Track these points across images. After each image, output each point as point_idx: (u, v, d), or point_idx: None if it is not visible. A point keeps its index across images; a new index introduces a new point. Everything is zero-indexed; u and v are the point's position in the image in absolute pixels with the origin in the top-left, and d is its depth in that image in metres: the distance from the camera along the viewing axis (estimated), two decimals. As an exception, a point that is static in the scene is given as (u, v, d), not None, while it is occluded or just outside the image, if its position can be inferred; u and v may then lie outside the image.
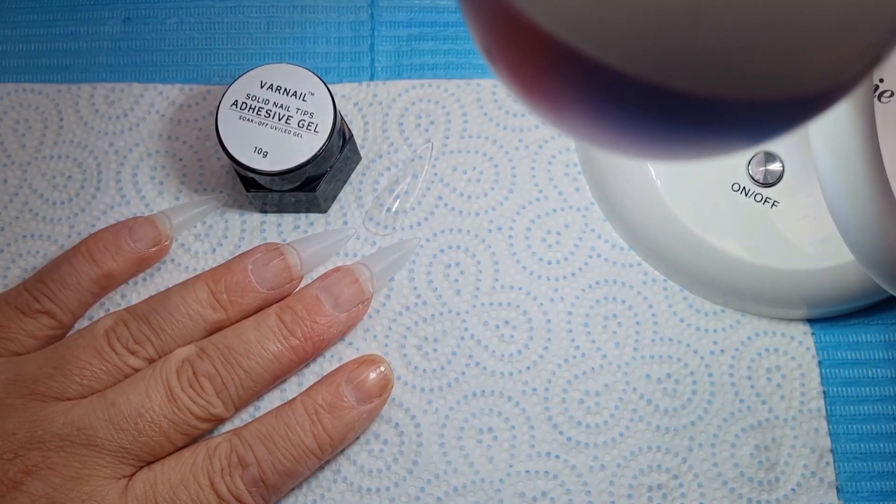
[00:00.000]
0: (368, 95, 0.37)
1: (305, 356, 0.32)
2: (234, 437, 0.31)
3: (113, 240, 0.33)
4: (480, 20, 0.17)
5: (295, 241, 0.35)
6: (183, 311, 0.32)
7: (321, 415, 0.31)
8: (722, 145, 0.17)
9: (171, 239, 0.35)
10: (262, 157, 0.32)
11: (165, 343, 0.32)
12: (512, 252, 0.35)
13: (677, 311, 0.34)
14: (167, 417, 0.30)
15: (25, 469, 0.29)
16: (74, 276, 0.33)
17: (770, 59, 0.14)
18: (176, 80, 0.38)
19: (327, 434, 0.31)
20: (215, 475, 0.30)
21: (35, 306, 0.32)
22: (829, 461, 0.32)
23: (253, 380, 0.31)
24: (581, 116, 0.17)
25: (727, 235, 0.33)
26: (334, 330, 0.33)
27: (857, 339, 0.34)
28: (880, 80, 0.33)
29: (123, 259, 0.33)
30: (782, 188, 0.33)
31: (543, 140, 0.37)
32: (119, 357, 0.31)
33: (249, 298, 0.33)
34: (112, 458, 0.29)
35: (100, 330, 0.32)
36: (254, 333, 0.32)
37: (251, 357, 0.31)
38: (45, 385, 0.30)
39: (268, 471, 0.30)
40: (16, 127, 0.37)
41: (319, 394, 0.31)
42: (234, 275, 0.33)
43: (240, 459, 0.30)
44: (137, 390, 0.30)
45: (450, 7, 0.38)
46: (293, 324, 0.32)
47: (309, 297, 0.33)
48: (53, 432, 0.29)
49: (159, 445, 0.30)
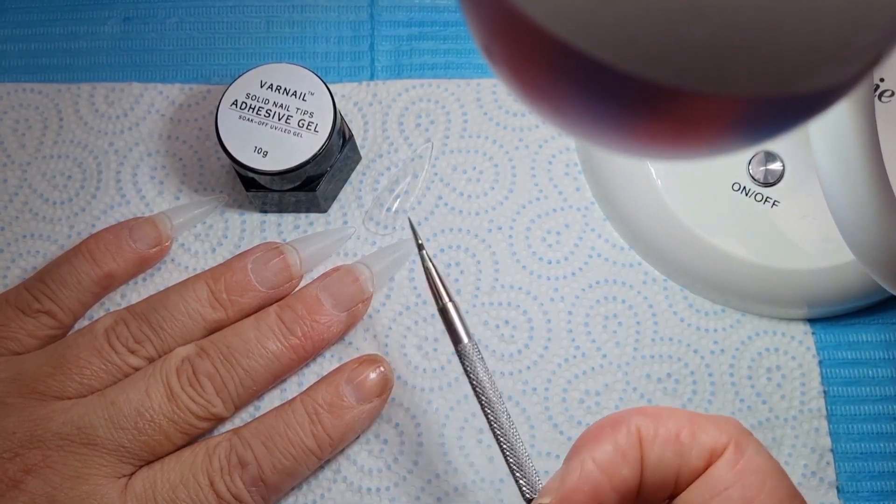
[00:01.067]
0: (368, 95, 0.37)
1: (305, 355, 0.32)
2: (234, 437, 0.31)
3: (114, 240, 0.34)
4: (480, 19, 0.17)
5: (294, 241, 0.35)
6: (183, 310, 0.32)
7: (321, 414, 0.31)
8: (722, 144, 0.17)
9: (172, 239, 0.35)
10: (262, 156, 0.32)
11: (165, 342, 0.32)
12: (512, 252, 0.35)
13: (677, 311, 0.34)
14: (167, 416, 0.30)
15: (25, 468, 0.29)
16: (75, 275, 0.33)
17: (770, 57, 0.14)
18: (176, 79, 0.38)
19: (327, 434, 0.31)
20: (215, 474, 0.30)
21: (35, 306, 0.32)
22: (829, 461, 0.32)
23: (253, 379, 0.31)
24: (580, 115, 0.17)
25: (727, 235, 0.33)
26: (334, 329, 0.33)
27: (858, 338, 0.34)
28: (880, 79, 0.33)
29: (124, 259, 0.33)
30: (783, 188, 0.33)
31: (543, 140, 0.37)
32: (119, 356, 0.31)
33: (249, 297, 0.33)
34: (112, 456, 0.29)
35: (100, 329, 0.32)
36: (254, 332, 0.32)
37: (251, 356, 0.31)
38: (44, 384, 0.30)
39: (267, 470, 0.30)
40: (16, 127, 0.37)
41: (319, 393, 0.31)
42: (233, 274, 0.33)
43: (239, 459, 0.30)
44: (137, 389, 0.30)
45: (450, 7, 0.38)
46: (293, 323, 0.32)
47: (309, 296, 0.33)
48: (53, 431, 0.29)
49: (159, 444, 0.30)
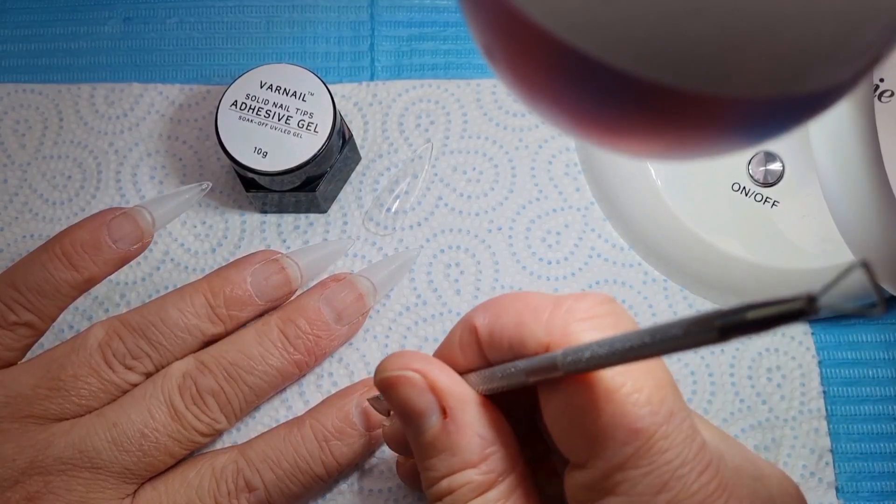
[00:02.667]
0: (368, 95, 0.37)
1: (307, 368, 0.32)
2: (241, 459, 0.30)
3: (91, 241, 0.30)
4: (480, 19, 0.17)
5: (294, 253, 0.34)
6: (182, 326, 0.31)
7: (331, 442, 0.30)
8: (722, 144, 0.17)
9: (153, 234, 0.32)
10: (261, 157, 0.32)
11: (164, 357, 0.31)
12: (512, 252, 0.35)
13: (677, 311, 0.34)
14: (171, 436, 0.29)
15: (28, 496, 0.28)
16: (52, 284, 0.30)
17: (770, 57, 0.14)
18: (176, 80, 0.38)
19: (336, 461, 0.30)
20: (222, 499, 0.29)
21: (12, 318, 0.29)
22: (828, 461, 0.32)
23: (256, 395, 0.31)
24: (580, 115, 0.17)
25: (727, 235, 0.33)
26: (335, 343, 0.33)
27: (857, 339, 0.34)
28: (880, 79, 0.33)
29: (104, 262, 0.30)
30: (783, 188, 0.33)
31: (543, 140, 0.37)
32: (116, 374, 0.30)
33: (248, 312, 0.32)
34: (116, 479, 0.29)
35: (93, 344, 0.30)
36: (257, 349, 0.31)
37: (255, 373, 0.31)
38: (41, 406, 0.29)
39: (275, 495, 0.30)
40: (16, 127, 0.37)
41: (329, 419, 0.31)
42: (233, 288, 0.32)
43: (247, 483, 0.29)
44: (139, 409, 0.29)
45: (450, 7, 0.38)
46: (296, 339, 0.31)
47: (311, 309, 0.32)
48: (54, 456, 0.28)
49: (163, 463, 0.30)
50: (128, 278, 0.35)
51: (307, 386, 0.33)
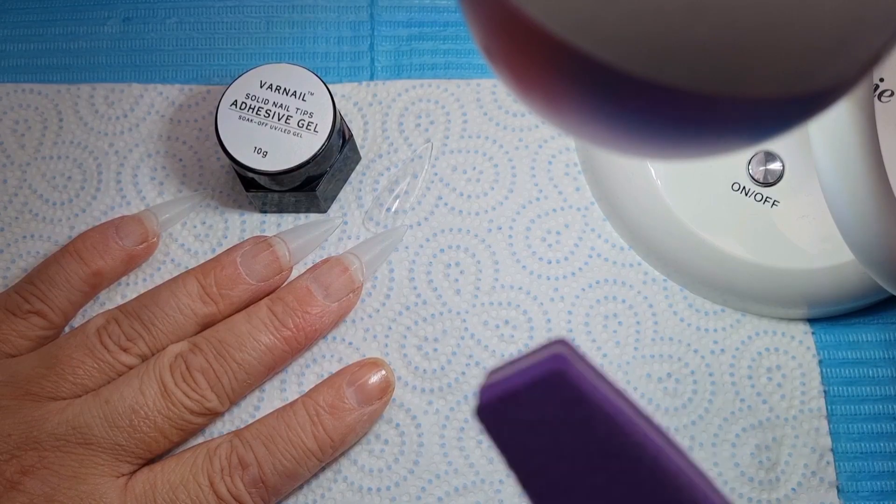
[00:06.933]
0: (368, 95, 0.37)
1: (298, 347, 0.32)
2: (235, 438, 0.31)
3: (100, 238, 0.34)
4: (480, 19, 0.17)
5: (282, 233, 0.35)
6: (173, 306, 0.32)
7: (322, 416, 0.31)
8: (722, 144, 0.17)
9: (159, 235, 0.35)
10: (261, 156, 0.32)
11: (157, 339, 0.32)
12: (512, 252, 0.35)
13: (677, 311, 0.34)
14: (162, 413, 0.30)
15: (22, 469, 0.29)
16: (63, 275, 0.33)
17: (769, 57, 0.14)
18: (175, 80, 0.38)
19: (328, 435, 0.31)
20: (215, 475, 0.30)
21: (25, 307, 0.32)
22: (829, 461, 0.32)
23: (247, 372, 0.32)
24: (580, 115, 0.17)
25: (727, 235, 0.33)
26: (326, 320, 0.33)
27: (858, 338, 0.34)
28: (880, 79, 0.33)
29: (112, 257, 0.33)
30: (782, 187, 0.33)
31: (543, 140, 0.37)
32: (111, 354, 0.31)
33: (240, 291, 0.33)
34: (108, 455, 0.30)
35: (91, 329, 0.32)
36: (245, 326, 0.32)
37: (244, 349, 0.31)
38: (38, 385, 0.30)
39: (268, 471, 0.30)
40: (15, 127, 0.37)
41: (321, 395, 0.31)
42: (223, 268, 0.33)
43: (240, 460, 0.30)
44: (131, 387, 0.30)
45: (450, 7, 0.38)
46: (285, 315, 0.32)
47: (300, 287, 0.33)
48: (49, 432, 0.29)
49: (155, 441, 0.30)
50: (128, 279, 0.35)
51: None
